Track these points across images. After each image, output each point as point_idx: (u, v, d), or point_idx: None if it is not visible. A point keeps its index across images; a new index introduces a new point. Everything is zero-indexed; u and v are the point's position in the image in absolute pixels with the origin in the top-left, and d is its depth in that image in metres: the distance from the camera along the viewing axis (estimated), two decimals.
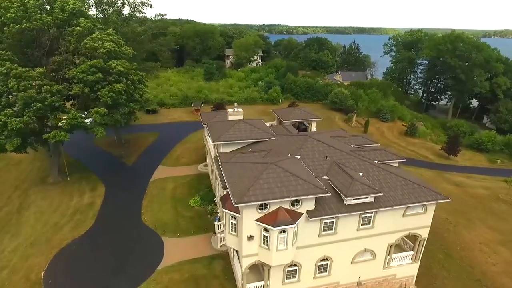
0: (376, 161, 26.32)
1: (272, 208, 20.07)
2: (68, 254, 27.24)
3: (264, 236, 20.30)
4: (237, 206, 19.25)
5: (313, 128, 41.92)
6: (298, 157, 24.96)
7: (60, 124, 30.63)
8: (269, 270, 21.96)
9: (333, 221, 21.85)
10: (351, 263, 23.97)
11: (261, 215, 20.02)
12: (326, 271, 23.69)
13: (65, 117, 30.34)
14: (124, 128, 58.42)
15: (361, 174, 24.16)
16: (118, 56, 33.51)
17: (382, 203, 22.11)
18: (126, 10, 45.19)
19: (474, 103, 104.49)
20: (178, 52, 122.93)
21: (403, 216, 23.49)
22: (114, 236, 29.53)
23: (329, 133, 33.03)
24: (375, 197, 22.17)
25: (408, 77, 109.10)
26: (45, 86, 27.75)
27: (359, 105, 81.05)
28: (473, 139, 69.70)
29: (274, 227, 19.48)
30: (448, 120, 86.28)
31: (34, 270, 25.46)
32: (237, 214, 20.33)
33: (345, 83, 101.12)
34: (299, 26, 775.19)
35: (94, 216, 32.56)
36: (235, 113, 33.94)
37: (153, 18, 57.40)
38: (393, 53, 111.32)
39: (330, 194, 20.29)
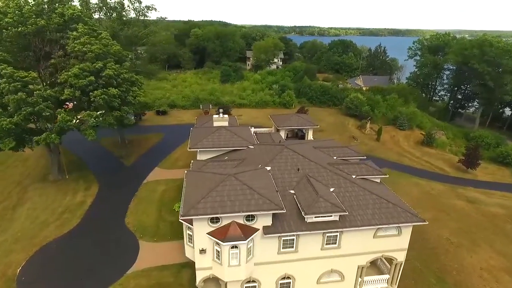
0: (354, 176, 24.84)
1: (225, 222, 19.44)
2: (47, 252, 28.14)
3: (216, 250, 19.71)
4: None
5: (310, 135, 40.64)
6: (268, 168, 24.09)
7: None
8: (226, 284, 21.32)
9: (293, 239, 20.80)
10: (317, 283, 22.73)
11: (213, 229, 19.45)
12: None
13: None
14: (130, 128, 60.37)
15: (332, 189, 22.88)
16: (107, 58, 33.95)
17: (347, 223, 20.75)
18: (130, 14, 46.31)
19: (508, 112, 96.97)
20: (199, 53, 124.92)
21: (373, 237, 21.92)
22: (94, 237, 30.14)
23: (316, 142, 31.74)
24: (340, 216, 20.85)
25: (434, 83, 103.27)
26: (37, 91, 28.85)
27: (375, 112, 77.86)
28: (497, 152, 64.57)
29: (223, 242, 18.84)
30: (473, 130, 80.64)
31: (12, 266, 26.52)
32: (191, 226, 19.91)
33: (365, 88, 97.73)
34: (331, 28, 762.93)
35: (81, 215, 33.47)
36: (220, 119, 33.58)
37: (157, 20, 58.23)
38: (417, 57, 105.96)
39: (284, 211, 19.27)
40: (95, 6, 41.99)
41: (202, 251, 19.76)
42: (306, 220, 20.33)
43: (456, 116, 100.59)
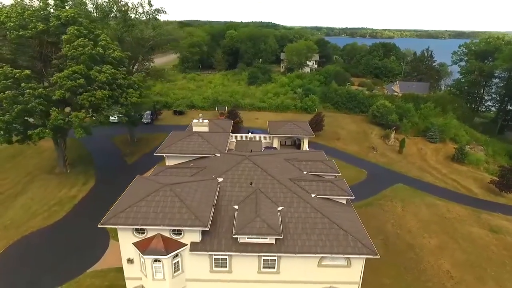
0: (313, 195, 22.78)
1: (150, 234, 18.83)
2: (24, 243, 29.85)
3: (142, 261, 19.18)
4: None
5: (305, 144, 38.51)
6: (220, 179, 23.04)
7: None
8: None
9: (226, 258, 19.53)
10: None
11: (138, 239, 18.95)
12: None
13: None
14: (145, 127, 62.66)
15: (280, 208, 21.17)
16: (104, 60, 35.14)
17: (284, 248, 18.96)
18: (138, 16, 47.75)
19: None
20: (233, 55, 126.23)
21: (318, 266, 19.80)
22: (71, 232, 31.39)
23: (294, 154, 29.75)
24: (278, 239, 19.14)
25: (481, 92, 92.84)
26: (28, 90, 30.83)
27: (403, 121, 72.11)
28: None
29: (143, 254, 18.25)
30: None
31: None
32: None
33: (397, 95, 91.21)
34: (385, 30, 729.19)
35: (69, 209, 35.17)
36: (199, 124, 33.08)
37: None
38: (463, 63, 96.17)
39: (207, 229, 18.10)
40: (106, 8, 43.85)
41: (129, 260, 19.37)
42: (238, 240, 18.95)
43: (506, 130, 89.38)
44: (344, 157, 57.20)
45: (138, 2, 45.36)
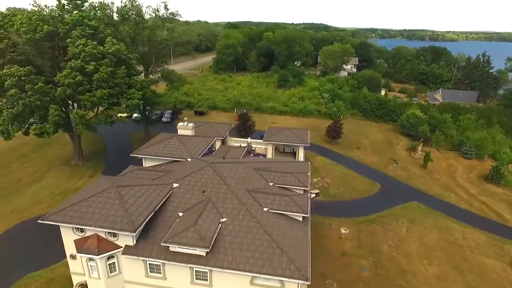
0: (266, 209, 21.89)
1: (89, 233, 19.56)
2: (21, 227, 32.66)
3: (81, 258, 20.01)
4: None
5: (301, 153, 37.20)
6: (175, 185, 23.19)
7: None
8: None
9: (159, 265, 19.58)
10: None
11: (79, 237, 19.79)
12: None
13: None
14: (163, 125, 65.19)
15: (223, 220, 20.68)
16: (105, 58, 36.95)
17: (213, 261, 18.46)
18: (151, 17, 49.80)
19: None
20: (269, 57, 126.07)
21: (250, 284, 18.97)
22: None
23: (268, 163, 28.76)
24: (210, 252, 18.69)
25: None
26: (28, 85, 33.78)
27: (436, 133, 66.29)
28: None
29: (77, 252, 19.03)
30: None
31: None
32: None
33: (433, 104, 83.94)
34: (447, 32, 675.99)
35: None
36: (184, 128, 33.50)
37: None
38: None
39: (133, 234, 18.26)
40: (124, 11, 46.41)
41: (72, 256, 20.30)
42: (169, 248, 18.87)
43: None
44: (358, 167, 54.23)
45: (156, 6, 47.37)
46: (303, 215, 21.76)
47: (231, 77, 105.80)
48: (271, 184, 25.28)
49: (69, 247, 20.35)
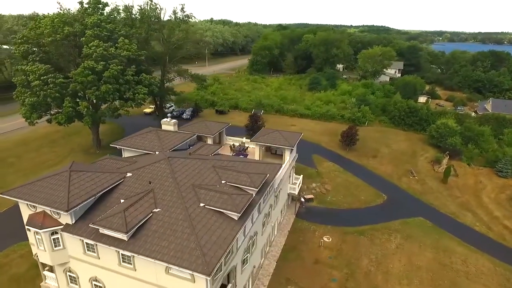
0: (202, 204, 22.58)
1: (39, 209, 22.10)
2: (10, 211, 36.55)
3: None
4: None
5: (287, 156, 37.00)
6: (128, 174, 24.97)
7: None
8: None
9: (93, 244, 21.41)
10: None
11: (31, 212, 22.48)
12: None
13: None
14: (183, 122, 68.44)
15: (156, 210, 21.85)
16: (116, 58, 40.57)
17: (131, 246, 19.69)
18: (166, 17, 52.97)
19: None
20: (308, 59, 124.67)
21: (166, 273, 19.83)
22: None
23: (233, 162, 29.14)
24: (133, 237, 20.00)
25: None
26: (50, 79, 38.49)
27: (469, 146, 60.41)
28: None
29: (26, 225, 21.65)
30: None
31: None
32: None
33: (474, 114, 75.84)
34: None
35: None
36: (167, 123, 35.33)
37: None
38: None
39: (64, 212, 20.20)
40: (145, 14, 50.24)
41: (28, 229, 23.05)
42: (99, 230, 20.56)
43: None
44: (367, 176, 51.73)
45: (173, 8, 50.49)
46: (237, 214, 21.95)
47: (264, 78, 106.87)
48: (223, 182, 25.78)
49: (25, 221, 23.16)
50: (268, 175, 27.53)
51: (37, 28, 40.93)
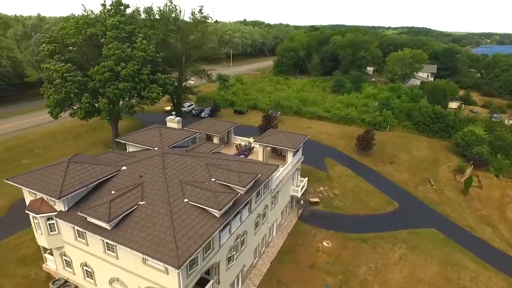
0: (186, 200, 23.24)
1: (39, 196, 23.89)
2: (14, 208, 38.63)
3: None
4: None
5: (289, 157, 36.93)
6: (123, 168, 26.25)
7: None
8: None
9: (83, 232, 22.77)
10: (109, 284, 23.54)
11: (32, 198, 24.35)
12: (91, 278, 24.62)
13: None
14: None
15: (141, 203, 22.82)
16: (133, 59, 42.62)
17: (112, 235, 20.73)
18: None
19: None
20: (335, 61, 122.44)
21: (143, 263, 20.67)
22: None
23: (227, 161, 29.49)
24: (116, 227, 21.07)
25: None
26: (69, 77, 41.30)
27: (498, 156, 56.57)
28: None
29: (26, 210, 23.52)
30: None
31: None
32: None
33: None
34: None
35: None
36: (171, 121, 36.47)
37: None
38: None
39: (56, 199, 21.67)
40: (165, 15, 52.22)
41: (28, 214, 24.96)
42: (87, 218, 21.84)
43: None
44: (380, 183, 50.07)
45: (191, 9, 52.02)
46: (218, 211, 22.32)
47: (287, 79, 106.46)
48: (213, 179, 26.30)
49: None
50: (259, 175, 27.63)
51: (63, 29, 44.06)
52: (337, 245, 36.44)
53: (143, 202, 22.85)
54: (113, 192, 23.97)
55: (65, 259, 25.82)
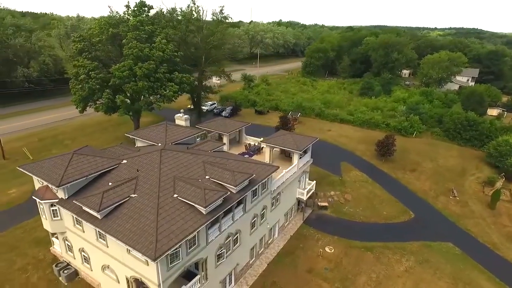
0: (176, 195, 23.92)
1: (45, 184, 25.78)
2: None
3: None
4: None
5: (295, 159, 36.66)
6: (124, 161, 27.55)
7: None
8: None
9: (80, 220, 24.21)
10: (102, 271, 24.81)
11: (40, 186, 26.33)
12: (88, 263, 26.12)
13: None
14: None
15: (133, 195, 23.82)
16: (150, 58, 44.56)
17: (101, 225, 21.86)
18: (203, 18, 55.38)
19: None
20: (367, 63, 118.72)
21: (127, 253, 21.58)
22: None
23: (225, 159, 29.76)
24: (106, 217, 22.21)
25: None
26: (93, 74, 43.98)
27: None
28: None
29: (32, 196, 25.49)
30: None
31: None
32: None
33: None
34: None
35: None
36: (180, 118, 37.51)
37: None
38: None
39: (55, 187, 23.25)
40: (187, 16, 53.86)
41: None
42: (82, 207, 23.21)
43: None
44: (398, 191, 48.01)
45: (212, 10, 53.18)
46: (204, 208, 22.71)
47: (314, 81, 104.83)
48: (207, 177, 26.77)
49: None
50: (254, 175, 27.67)
51: (90, 29, 47.09)
52: (340, 251, 35.44)
53: (135, 195, 23.81)
54: (110, 183, 25.22)
55: (67, 244, 27.63)
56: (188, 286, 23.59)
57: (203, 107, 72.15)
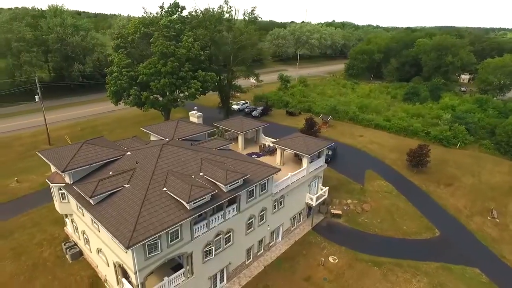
0: (165, 189, 24.73)
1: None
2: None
3: None
4: None
5: (304, 163, 35.86)
6: (128, 153, 29.16)
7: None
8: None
9: (81, 207, 26.13)
10: (97, 253, 26.52)
11: (54, 170, 28.97)
12: (88, 245, 28.08)
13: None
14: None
15: (126, 186, 25.07)
16: (175, 56, 46.50)
17: (92, 211, 23.35)
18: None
19: None
20: (417, 66, 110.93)
21: (112, 238, 22.76)
22: None
23: (225, 158, 29.93)
24: (99, 204, 23.72)
25: None
26: (124, 71, 47.09)
27: None
28: None
29: (46, 179, 28.12)
30: None
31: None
32: None
33: None
34: None
35: None
36: (193, 115, 38.53)
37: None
38: None
39: (60, 172, 25.32)
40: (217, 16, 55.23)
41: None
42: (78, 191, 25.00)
43: None
44: (425, 206, 44.52)
45: (244, 10, 53.59)
46: (187, 204, 23.15)
47: (356, 84, 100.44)
48: (201, 174, 27.23)
49: None
50: (248, 175, 27.49)
51: (125, 27, 50.59)
52: (344, 263, 33.66)
53: (128, 186, 25.03)
54: (110, 173, 26.84)
55: (74, 225, 30.02)
56: (171, 278, 24.27)
57: (234, 106, 73.22)
